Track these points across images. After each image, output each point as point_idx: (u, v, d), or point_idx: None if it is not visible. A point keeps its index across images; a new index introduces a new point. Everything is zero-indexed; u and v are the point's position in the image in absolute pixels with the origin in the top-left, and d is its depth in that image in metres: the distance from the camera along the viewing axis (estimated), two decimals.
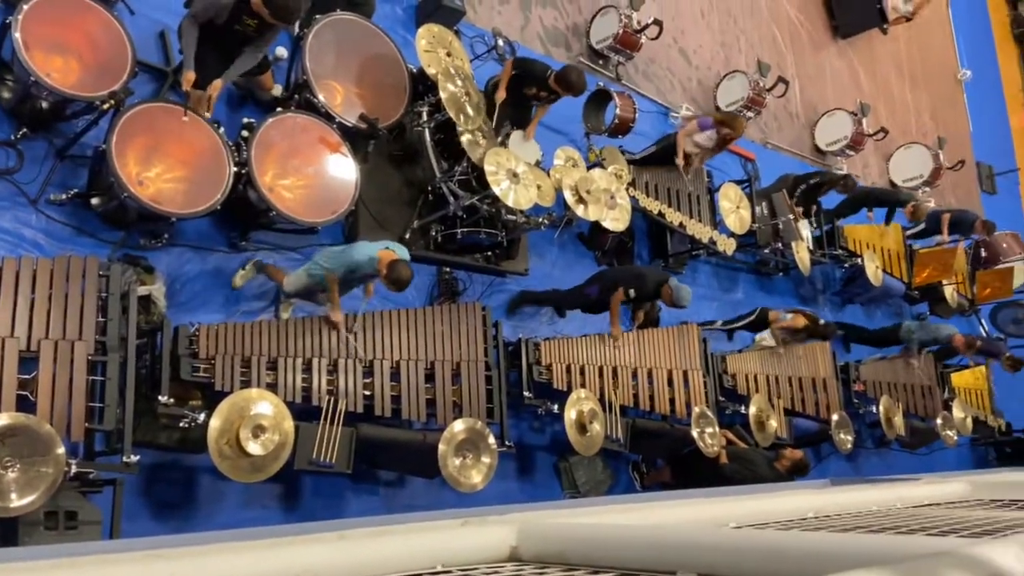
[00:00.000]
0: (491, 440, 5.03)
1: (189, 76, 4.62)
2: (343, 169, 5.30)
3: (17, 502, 3.32)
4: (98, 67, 4.47)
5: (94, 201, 4.72)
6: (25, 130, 4.61)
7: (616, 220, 6.65)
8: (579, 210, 6.31)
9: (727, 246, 7.63)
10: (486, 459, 4.98)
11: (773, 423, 6.92)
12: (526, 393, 5.75)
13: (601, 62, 8.56)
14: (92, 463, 3.83)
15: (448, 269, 6.42)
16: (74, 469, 3.54)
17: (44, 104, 4.52)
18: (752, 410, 6.85)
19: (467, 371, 5.31)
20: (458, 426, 4.92)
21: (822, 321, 7.98)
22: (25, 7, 4.22)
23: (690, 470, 6.51)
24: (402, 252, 4.72)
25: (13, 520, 3.44)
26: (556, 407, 5.78)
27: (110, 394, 3.82)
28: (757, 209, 8.06)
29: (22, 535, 3.48)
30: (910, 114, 13.31)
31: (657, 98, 9.01)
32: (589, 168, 6.78)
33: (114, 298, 3.97)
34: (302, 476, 5.04)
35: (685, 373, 6.64)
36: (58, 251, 4.48)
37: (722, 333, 8.19)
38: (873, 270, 9.31)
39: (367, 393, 4.90)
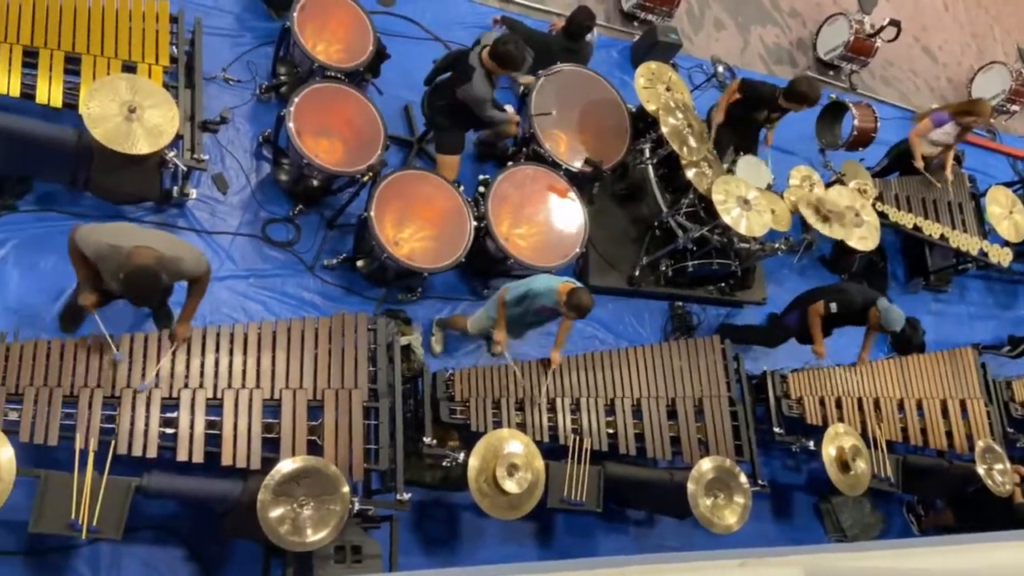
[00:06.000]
0: (743, 479, 4.81)
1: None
2: (571, 213, 5.48)
3: (312, 536, 3.71)
4: (357, 144, 5.05)
5: (359, 263, 5.29)
6: (300, 206, 5.30)
7: (864, 239, 6.17)
8: (823, 228, 5.93)
9: (1001, 257, 6.78)
10: (739, 499, 4.76)
11: None
12: (777, 429, 5.44)
13: (832, 73, 8.09)
14: (371, 500, 4.20)
15: (680, 303, 6.32)
16: (356, 506, 3.88)
17: (315, 182, 5.16)
18: None
19: (710, 407, 5.16)
20: (706, 464, 4.77)
21: None
22: (296, 100, 4.90)
23: (977, 511, 5.78)
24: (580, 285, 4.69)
25: (308, 554, 3.85)
26: (812, 443, 5.43)
27: (383, 436, 4.17)
28: None
29: (317, 568, 3.86)
30: None
31: (901, 103, 8.30)
32: (828, 186, 6.37)
33: (381, 349, 4.36)
34: (553, 514, 5.15)
35: (962, 402, 5.93)
36: (332, 310, 5.05)
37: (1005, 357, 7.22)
38: None
39: (610, 431, 4.92)
